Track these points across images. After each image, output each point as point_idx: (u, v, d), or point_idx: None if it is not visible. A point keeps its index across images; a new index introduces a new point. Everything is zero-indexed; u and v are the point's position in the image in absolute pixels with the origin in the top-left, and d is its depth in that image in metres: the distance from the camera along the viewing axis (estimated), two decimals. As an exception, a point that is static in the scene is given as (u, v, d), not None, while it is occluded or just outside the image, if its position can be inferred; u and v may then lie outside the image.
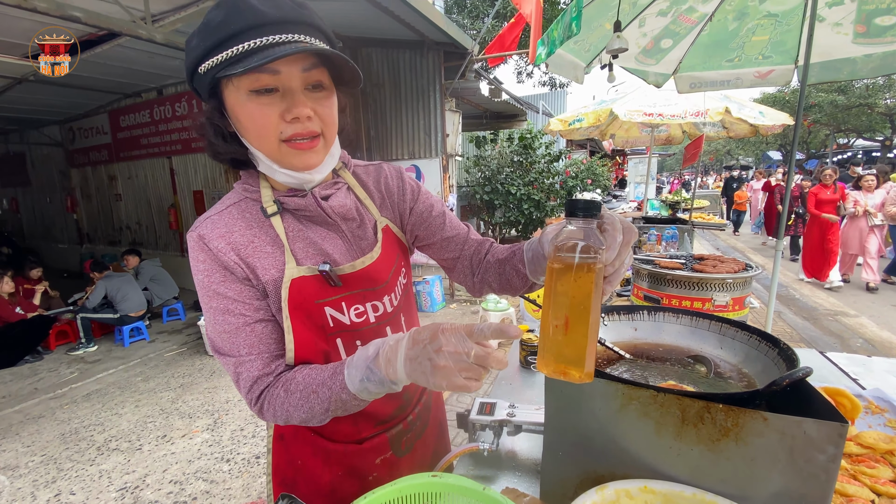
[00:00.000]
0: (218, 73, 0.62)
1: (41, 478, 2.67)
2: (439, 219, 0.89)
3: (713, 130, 6.16)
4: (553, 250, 0.54)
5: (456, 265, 0.90)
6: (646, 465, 0.69)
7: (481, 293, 0.91)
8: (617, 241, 0.54)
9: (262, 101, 0.64)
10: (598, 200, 0.51)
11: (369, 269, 0.78)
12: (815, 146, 24.75)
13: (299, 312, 0.73)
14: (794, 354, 0.74)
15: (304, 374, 0.69)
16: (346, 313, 0.77)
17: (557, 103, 14.48)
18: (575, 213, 0.54)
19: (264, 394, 0.70)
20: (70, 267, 9.11)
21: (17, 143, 9.71)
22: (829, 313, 5.05)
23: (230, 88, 0.65)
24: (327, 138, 0.71)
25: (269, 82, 0.64)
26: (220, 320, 0.70)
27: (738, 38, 3.09)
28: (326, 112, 0.69)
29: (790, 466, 0.61)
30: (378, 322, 0.81)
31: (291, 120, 0.65)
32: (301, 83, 0.66)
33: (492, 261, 0.86)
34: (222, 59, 0.61)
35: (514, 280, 0.81)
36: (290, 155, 0.68)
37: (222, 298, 0.70)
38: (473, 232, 0.92)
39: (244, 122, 0.67)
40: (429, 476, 0.68)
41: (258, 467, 2.64)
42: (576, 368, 0.53)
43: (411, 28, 4.74)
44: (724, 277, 1.98)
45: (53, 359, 4.73)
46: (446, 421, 1.11)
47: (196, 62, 0.65)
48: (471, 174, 7.61)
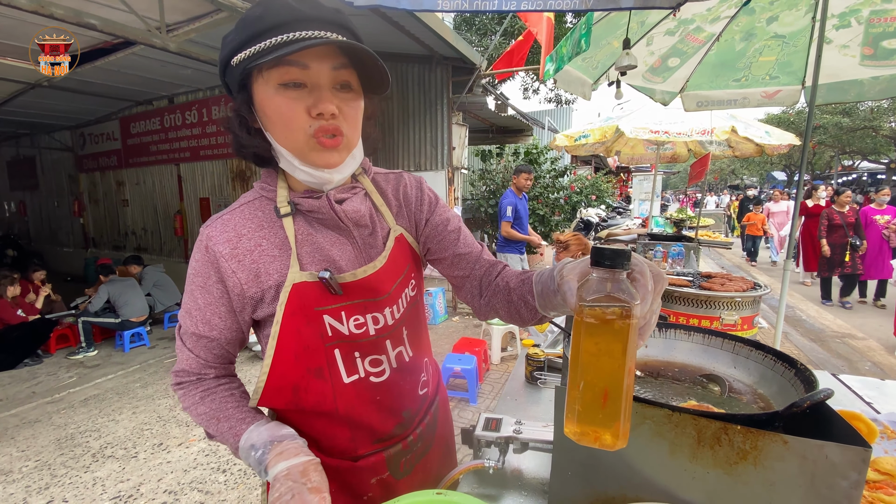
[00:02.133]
0: (249, 64, 0.63)
1: (34, 483, 2.63)
2: (453, 234, 0.86)
3: (719, 149, 6.17)
4: (579, 303, 0.49)
5: (465, 284, 0.87)
6: (659, 487, 0.67)
7: (487, 317, 0.86)
8: (649, 291, 0.50)
9: (289, 95, 0.65)
10: (627, 249, 0.48)
11: (371, 278, 0.76)
12: (819, 167, 24.78)
13: (298, 319, 0.73)
14: (813, 376, 0.72)
15: (222, 397, 0.77)
16: (345, 323, 0.75)
17: (563, 119, 14.60)
18: (602, 262, 0.49)
19: (184, 385, 0.78)
20: (74, 271, 9.14)
21: (28, 147, 9.84)
22: (836, 335, 4.99)
23: (259, 82, 0.66)
24: (350, 139, 0.71)
25: (297, 76, 0.64)
26: (190, 307, 0.76)
27: (745, 58, 3.11)
28: (352, 113, 0.70)
29: (811, 492, 0.58)
30: (378, 335, 0.79)
31: (317, 115, 0.65)
32: (329, 81, 0.66)
33: (501, 285, 0.81)
34: (254, 52, 0.62)
35: (522, 311, 0.76)
36: (313, 150, 0.68)
37: (197, 296, 0.74)
38: (487, 252, 0.89)
39: (270, 115, 0.67)
40: (433, 493, 0.66)
41: (254, 479, 2.59)
42: (610, 434, 0.48)
43: (421, 43, 4.81)
44: (732, 296, 1.95)
45: (53, 362, 4.71)
46: (454, 443, 1.06)
47: (230, 54, 0.66)
48: (476, 187, 7.64)
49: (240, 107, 0.70)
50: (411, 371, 0.85)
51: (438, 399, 0.99)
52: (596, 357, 0.48)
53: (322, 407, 0.77)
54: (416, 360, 0.86)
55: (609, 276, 0.48)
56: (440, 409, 0.99)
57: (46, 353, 4.88)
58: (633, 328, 0.47)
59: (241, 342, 0.80)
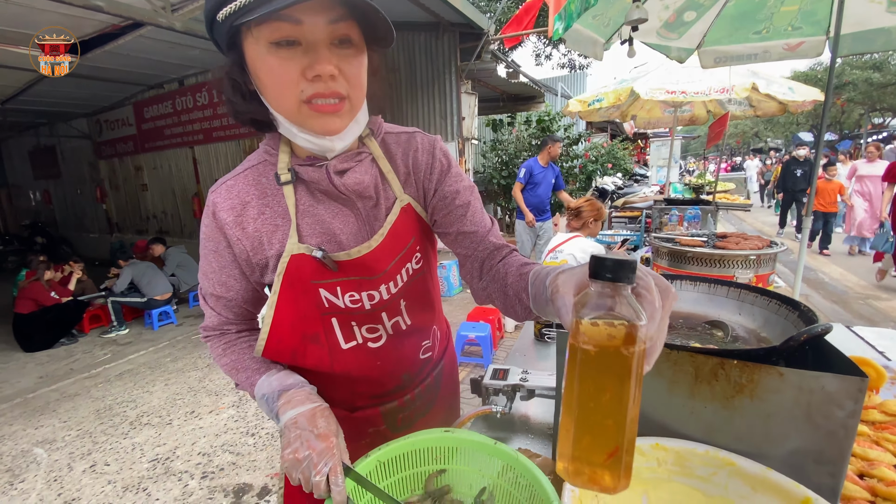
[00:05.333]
0: (236, 21, 0.56)
1: (77, 450, 2.82)
2: (461, 209, 0.79)
3: (739, 109, 5.93)
4: (576, 324, 0.41)
5: (465, 263, 0.82)
6: (659, 424, 0.69)
7: (483, 302, 0.80)
8: (657, 308, 0.42)
9: (282, 55, 0.59)
10: (632, 260, 0.40)
11: (366, 258, 0.73)
12: (848, 126, 23.65)
13: (295, 289, 0.73)
14: (815, 315, 0.73)
15: (241, 349, 0.81)
16: (339, 297, 0.75)
17: (577, 85, 14.16)
18: (603, 274, 0.40)
19: (210, 338, 0.84)
20: (100, 255, 9.45)
21: (48, 137, 10.05)
22: (859, 296, 4.88)
23: (250, 40, 0.60)
24: (353, 102, 0.65)
25: (290, 33, 0.58)
26: (206, 269, 0.79)
27: (766, 8, 2.95)
28: (354, 72, 0.63)
29: (807, 423, 0.60)
30: (373, 308, 0.78)
31: (313, 78, 0.59)
32: (327, 37, 0.59)
33: (501, 273, 0.73)
34: (239, 5, 0.55)
35: (517, 308, 0.69)
36: (310, 118, 0.63)
37: (211, 259, 0.77)
38: (495, 233, 0.82)
39: (263, 78, 0.62)
40: (441, 431, 0.70)
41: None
42: (611, 476, 0.41)
43: (426, 9, 4.69)
44: (746, 254, 1.93)
45: (88, 341, 4.96)
46: (458, 404, 1.08)
47: (215, 8, 0.59)
48: (487, 158, 7.54)
49: (231, 68, 0.65)
50: (410, 337, 0.85)
51: (444, 363, 0.99)
52: (596, 387, 0.40)
53: (320, 368, 0.80)
54: (415, 327, 0.86)
55: (611, 290, 0.40)
56: (444, 372, 0.99)
57: (81, 332, 5.13)
58: (639, 353, 0.39)
59: (258, 300, 0.83)
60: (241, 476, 2.46)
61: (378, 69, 0.70)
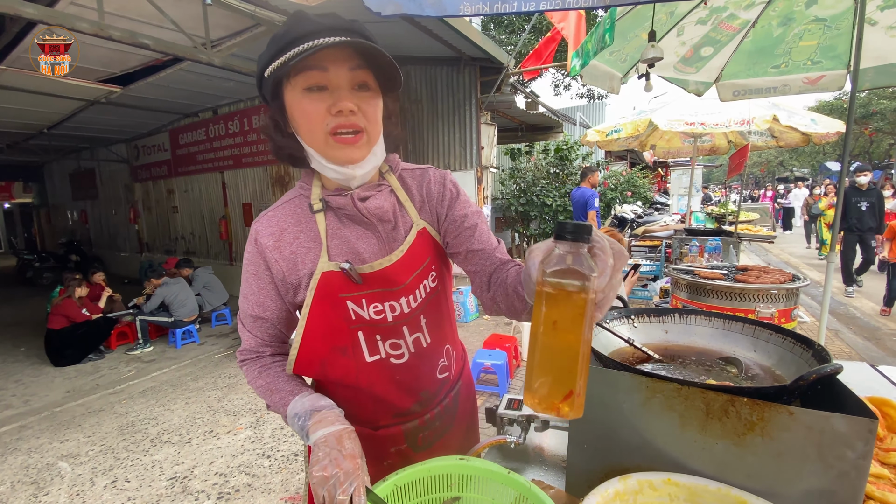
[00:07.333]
0: (278, 73, 0.71)
1: (100, 465, 2.88)
2: (469, 230, 0.89)
3: (761, 139, 5.91)
4: (541, 274, 0.51)
5: (475, 279, 0.90)
6: (671, 459, 0.70)
7: (492, 311, 0.88)
8: (608, 266, 0.51)
9: (313, 97, 0.73)
10: (588, 224, 0.50)
11: (388, 270, 0.82)
12: (877, 156, 23.08)
13: (325, 303, 0.82)
14: (828, 355, 0.73)
15: (276, 372, 0.88)
16: (365, 309, 0.83)
17: (596, 115, 14.32)
18: (564, 235, 0.50)
19: (246, 362, 0.90)
20: (130, 274, 9.79)
21: (89, 160, 10.65)
22: (892, 332, 4.68)
23: (288, 89, 0.75)
24: (370, 135, 0.77)
25: (319, 80, 0.72)
26: (247, 292, 0.87)
27: (784, 43, 2.99)
28: (371, 111, 0.76)
29: (819, 463, 0.60)
30: (395, 321, 0.85)
31: (336, 112, 0.72)
32: (348, 82, 0.74)
33: (504, 279, 0.82)
34: (281, 61, 0.70)
35: (515, 302, 0.78)
36: (334, 148, 0.75)
37: (252, 282, 0.86)
38: (502, 250, 0.90)
39: (298, 118, 0.76)
40: (457, 459, 0.72)
41: (296, 464, 2.74)
42: (566, 403, 0.50)
43: (449, 45, 4.88)
44: (767, 288, 1.91)
45: (114, 357, 5.10)
46: (477, 425, 1.12)
47: (263, 68, 0.75)
48: (506, 186, 7.63)
49: (274, 113, 0.79)
50: (430, 356, 0.92)
51: (461, 384, 1.04)
52: (554, 327, 0.50)
53: (346, 380, 0.87)
54: (434, 346, 0.92)
55: (570, 249, 0.50)
56: (462, 393, 1.04)
57: (108, 349, 5.28)
58: (590, 300, 0.49)
59: (291, 322, 0.90)
60: (255, 498, 2.48)
61: (393, 113, 0.84)
